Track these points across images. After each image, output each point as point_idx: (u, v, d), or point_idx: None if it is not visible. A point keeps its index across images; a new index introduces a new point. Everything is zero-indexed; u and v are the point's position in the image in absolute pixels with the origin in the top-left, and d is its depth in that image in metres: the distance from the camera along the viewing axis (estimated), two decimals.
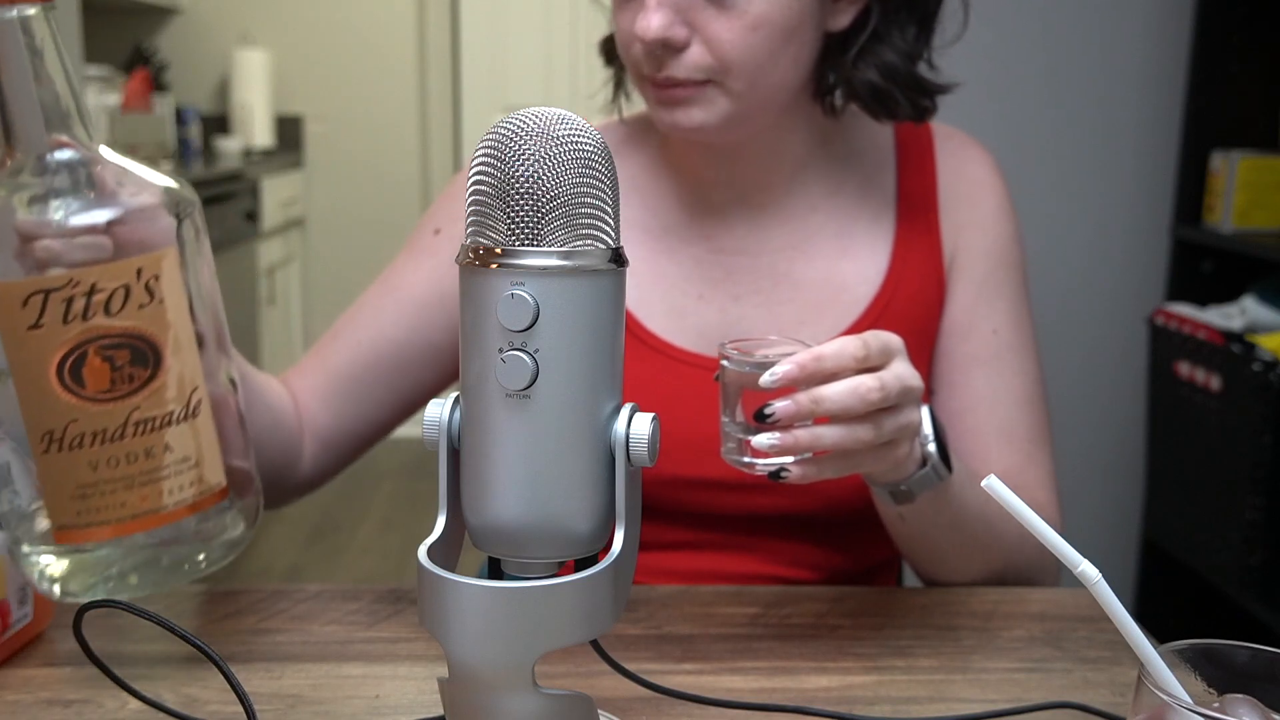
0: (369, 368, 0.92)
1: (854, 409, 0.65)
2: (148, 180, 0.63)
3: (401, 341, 0.92)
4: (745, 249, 0.92)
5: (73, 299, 0.58)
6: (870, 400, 0.65)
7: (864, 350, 0.65)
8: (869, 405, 0.65)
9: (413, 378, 0.93)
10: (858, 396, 0.64)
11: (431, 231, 0.94)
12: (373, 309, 0.93)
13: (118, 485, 0.61)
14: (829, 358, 0.65)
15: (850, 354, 0.65)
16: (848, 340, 0.65)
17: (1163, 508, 2.05)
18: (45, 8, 0.59)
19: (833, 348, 0.65)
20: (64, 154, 0.60)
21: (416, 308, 0.92)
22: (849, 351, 0.65)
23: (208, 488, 0.64)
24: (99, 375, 0.60)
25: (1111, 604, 0.48)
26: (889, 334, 0.67)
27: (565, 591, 0.49)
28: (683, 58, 0.81)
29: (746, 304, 0.91)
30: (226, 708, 0.64)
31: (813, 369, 0.64)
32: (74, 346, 0.59)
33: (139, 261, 0.60)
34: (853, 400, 0.64)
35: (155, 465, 0.62)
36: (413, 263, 0.94)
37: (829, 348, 0.65)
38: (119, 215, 0.61)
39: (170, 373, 0.62)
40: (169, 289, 0.61)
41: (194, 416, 0.63)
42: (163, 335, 0.61)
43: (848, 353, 0.65)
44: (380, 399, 0.93)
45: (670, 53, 0.81)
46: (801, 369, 0.64)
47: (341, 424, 0.92)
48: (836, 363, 0.65)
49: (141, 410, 0.61)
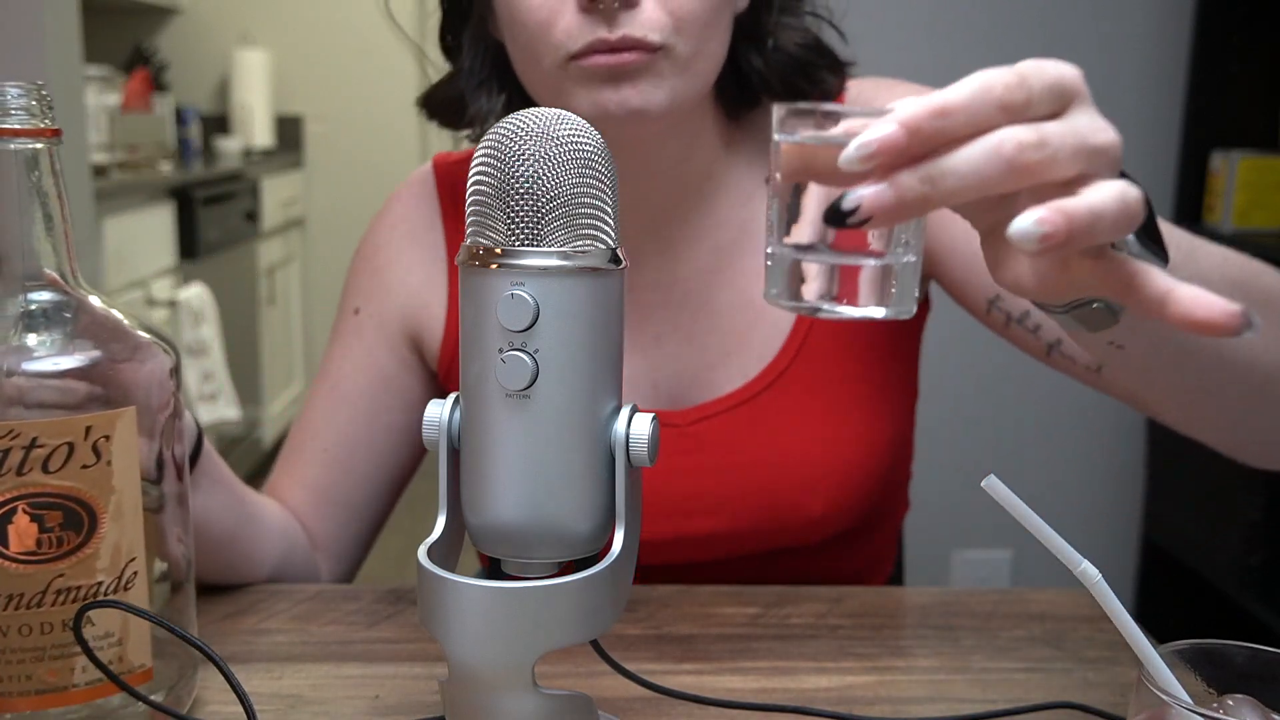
0: (346, 472, 0.90)
1: (1000, 185, 0.42)
2: (131, 332, 0.60)
3: (363, 437, 0.89)
4: (658, 283, 0.86)
5: (10, 450, 0.54)
6: (1029, 168, 0.42)
7: (1020, 91, 0.42)
8: (1025, 177, 0.42)
9: (390, 460, 0.91)
10: (1003, 162, 0.41)
11: (351, 312, 0.91)
12: (324, 416, 0.90)
13: (26, 655, 0.56)
14: (958, 107, 0.42)
15: (996, 99, 0.42)
16: (990, 75, 0.42)
17: (1163, 508, 2.05)
18: (51, 142, 0.56)
19: (964, 91, 0.42)
20: (49, 294, 0.58)
21: (364, 399, 0.89)
22: (994, 94, 0.42)
23: (129, 668, 0.59)
24: (24, 535, 0.55)
25: (1111, 604, 0.48)
26: (1060, 65, 0.44)
27: (565, 591, 0.49)
28: (637, 14, 0.72)
29: (669, 343, 0.86)
30: (226, 708, 0.64)
31: (932, 127, 0.41)
32: (3, 501, 0.55)
33: (90, 419, 0.56)
34: (997, 168, 0.42)
35: (72, 638, 0.56)
36: (342, 352, 0.91)
37: (957, 92, 0.42)
38: (95, 364, 0.57)
39: (105, 540, 0.57)
40: (120, 451, 0.57)
41: (125, 589, 0.58)
42: (103, 500, 0.57)
43: (992, 96, 0.42)
44: (368, 492, 0.91)
45: (624, 7, 0.72)
46: (911, 129, 0.41)
47: (343, 531, 0.91)
48: (970, 116, 0.42)
49: (66, 578, 0.56)
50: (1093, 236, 0.42)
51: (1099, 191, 0.42)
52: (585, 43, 0.72)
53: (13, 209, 0.56)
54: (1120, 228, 0.42)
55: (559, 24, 0.73)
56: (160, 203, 2.76)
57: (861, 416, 0.85)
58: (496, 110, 0.83)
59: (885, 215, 0.42)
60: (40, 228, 0.57)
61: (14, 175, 0.56)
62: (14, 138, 0.55)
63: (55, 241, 0.57)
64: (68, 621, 0.56)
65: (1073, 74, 0.44)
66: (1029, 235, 0.41)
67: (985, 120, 0.42)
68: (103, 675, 0.57)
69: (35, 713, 0.57)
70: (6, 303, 0.57)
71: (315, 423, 0.90)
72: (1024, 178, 0.42)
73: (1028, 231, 0.41)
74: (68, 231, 0.58)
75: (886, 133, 0.41)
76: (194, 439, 0.70)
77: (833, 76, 0.85)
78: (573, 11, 0.72)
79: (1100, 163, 0.43)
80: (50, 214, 0.57)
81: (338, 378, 0.90)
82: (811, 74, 0.83)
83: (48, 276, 0.58)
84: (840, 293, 0.45)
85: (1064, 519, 0.91)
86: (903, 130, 0.41)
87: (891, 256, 0.45)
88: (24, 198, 0.56)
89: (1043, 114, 0.43)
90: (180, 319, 2.73)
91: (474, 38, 0.83)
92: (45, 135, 0.56)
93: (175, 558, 0.63)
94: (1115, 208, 0.42)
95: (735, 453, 0.84)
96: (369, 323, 0.90)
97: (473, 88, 0.83)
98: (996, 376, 2.13)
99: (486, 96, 0.83)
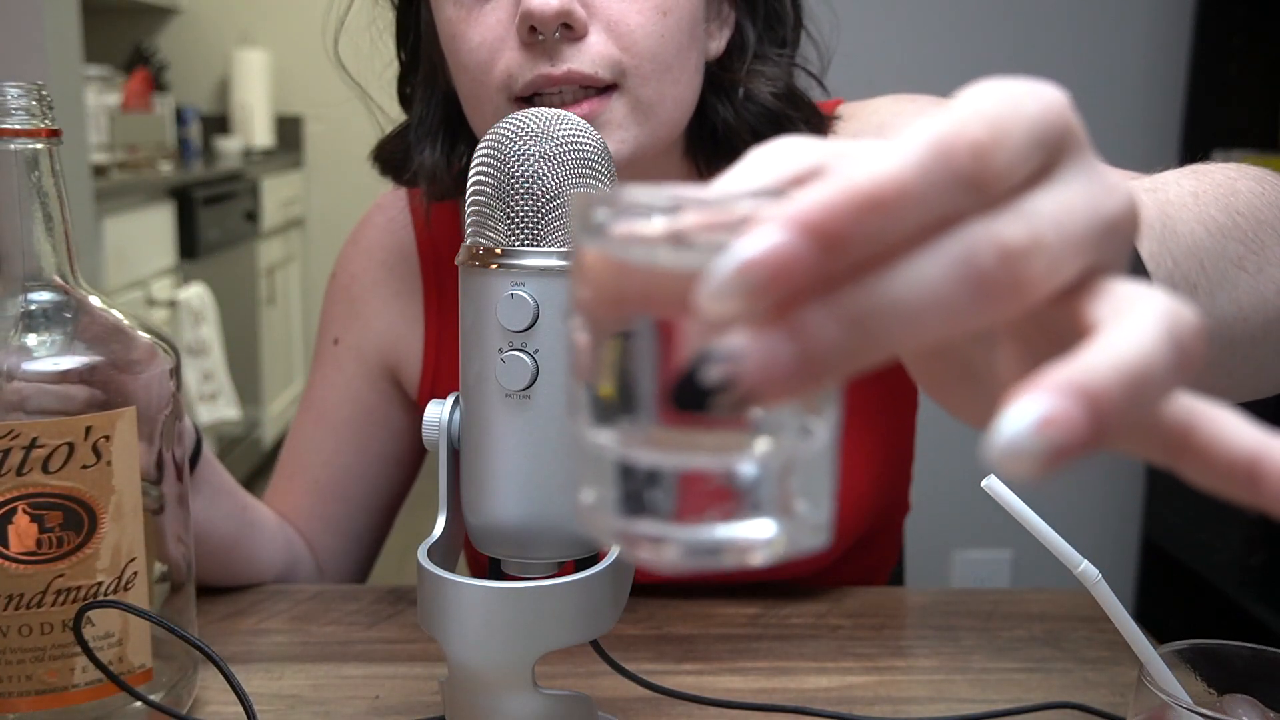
0: (339, 501, 0.89)
1: (973, 320, 0.25)
2: (131, 333, 0.60)
3: (354, 468, 0.89)
4: None
5: (10, 451, 0.54)
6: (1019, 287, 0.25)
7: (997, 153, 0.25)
8: (1014, 302, 0.25)
9: (382, 486, 0.91)
10: (979, 282, 0.24)
11: (331, 341, 0.90)
12: (313, 447, 0.89)
13: (26, 656, 0.56)
14: (900, 192, 0.24)
15: (960, 170, 0.24)
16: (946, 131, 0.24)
17: (1163, 508, 2.05)
18: (50, 142, 0.56)
19: (909, 160, 0.24)
20: (49, 294, 0.57)
21: (349, 430, 0.89)
22: (957, 162, 0.24)
23: (129, 668, 0.59)
24: (25, 535, 0.55)
25: (1111, 604, 0.48)
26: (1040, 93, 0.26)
27: (565, 591, 0.49)
28: (583, 48, 0.67)
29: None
30: (226, 708, 0.64)
31: (859, 230, 0.24)
32: (3, 501, 0.55)
33: (90, 419, 0.56)
34: (968, 295, 0.24)
35: (72, 639, 0.56)
36: (325, 381, 0.90)
37: (897, 162, 0.24)
38: (95, 366, 0.57)
39: (105, 541, 0.57)
40: (120, 451, 0.57)
41: (125, 590, 0.58)
42: (103, 500, 0.57)
43: (954, 166, 0.24)
44: (362, 521, 0.91)
45: (567, 41, 0.67)
46: (823, 235, 0.23)
47: (343, 558, 0.91)
48: (921, 203, 0.24)
49: (66, 578, 0.56)
50: (1134, 413, 0.24)
51: (1130, 334, 0.24)
52: (527, 80, 0.68)
53: (13, 209, 0.56)
54: (1173, 382, 0.24)
55: (499, 62, 0.69)
56: (160, 203, 2.76)
57: (860, 443, 0.83)
58: (440, 163, 0.78)
59: (781, 388, 0.24)
60: (40, 228, 0.57)
61: (14, 175, 0.56)
62: (14, 138, 0.55)
63: (55, 241, 0.57)
64: (68, 621, 0.56)
65: (1058, 106, 0.26)
66: (1030, 449, 0.23)
67: (943, 208, 0.24)
68: (103, 675, 0.57)
69: (35, 713, 0.57)
70: (6, 303, 0.57)
71: (305, 454, 0.90)
72: (1010, 303, 0.25)
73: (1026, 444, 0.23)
74: (68, 231, 0.58)
75: (776, 244, 0.23)
76: (193, 443, 0.70)
77: (811, 131, 0.77)
78: (514, 48, 0.68)
79: (1112, 245, 0.27)
80: (50, 214, 0.57)
81: (322, 408, 0.90)
82: (786, 128, 0.76)
83: (50, 280, 0.58)
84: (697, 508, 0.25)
85: (1064, 519, 0.91)
86: (809, 239, 0.23)
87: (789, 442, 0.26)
88: (24, 198, 0.56)
89: (1023, 178, 0.25)
90: (180, 319, 2.73)
91: (426, 86, 0.80)
92: (45, 135, 0.56)
93: (175, 559, 0.63)
94: (1165, 357, 0.24)
95: None
96: (348, 355, 0.89)
97: (420, 139, 0.79)
98: None
99: (431, 148, 0.79)
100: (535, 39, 0.67)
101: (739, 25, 0.77)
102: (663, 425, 0.25)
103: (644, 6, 0.69)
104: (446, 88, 0.79)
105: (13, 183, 0.56)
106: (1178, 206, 0.52)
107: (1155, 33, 2.05)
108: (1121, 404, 0.23)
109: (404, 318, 0.88)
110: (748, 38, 0.77)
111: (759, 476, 0.25)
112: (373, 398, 0.89)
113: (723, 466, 0.25)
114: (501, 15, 0.69)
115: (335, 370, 0.90)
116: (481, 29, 0.70)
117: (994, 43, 2.02)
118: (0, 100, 0.55)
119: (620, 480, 0.26)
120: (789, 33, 0.80)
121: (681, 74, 0.71)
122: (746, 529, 0.25)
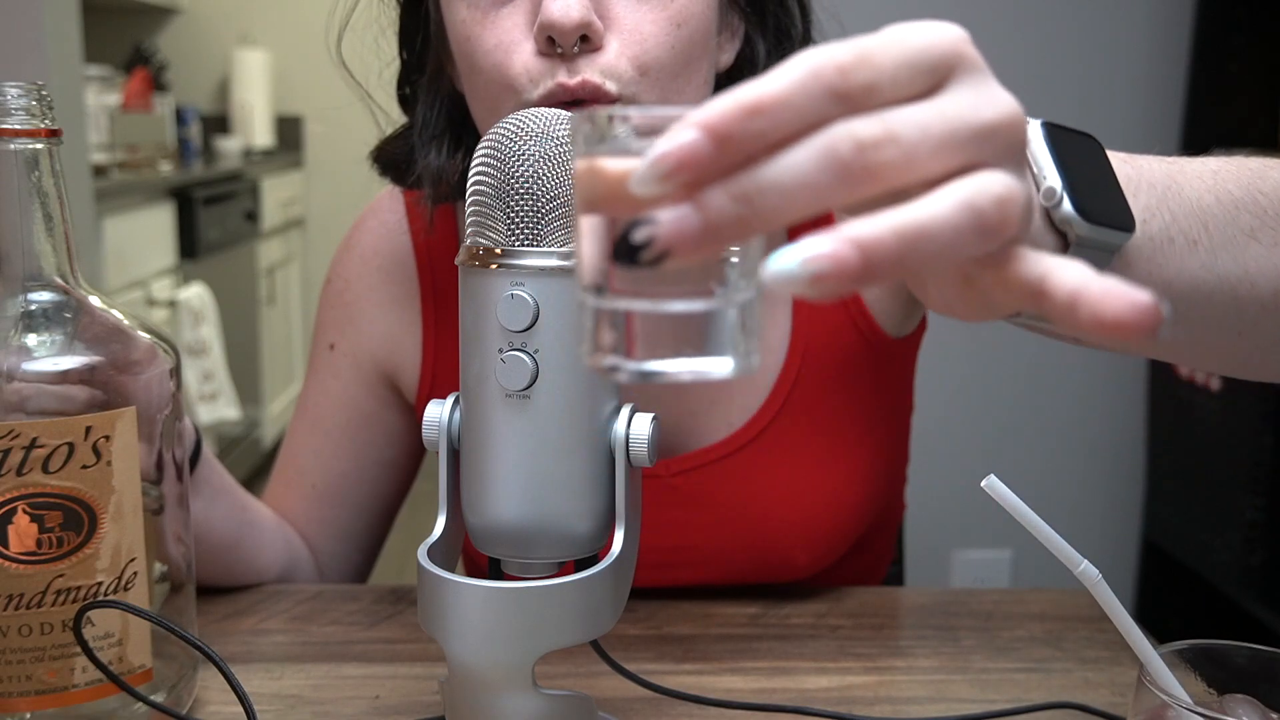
0: (337, 506, 0.89)
1: (838, 197, 0.32)
2: (131, 333, 0.60)
3: (351, 473, 0.89)
4: None
5: (10, 451, 0.54)
6: (874, 172, 0.32)
7: (862, 71, 0.32)
8: (870, 184, 0.32)
9: (380, 491, 0.91)
10: (839, 167, 0.31)
11: (326, 346, 0.90)
12: (310, 452, 0.89)
13: (26, 656, 0.56)
14: (777, 101, 0.31)
15: (827, 85, 0.32)
16: (820, 55, 0.32)
17: (1163, 508, 2.05)
18: (50, 142, 0.56)
19: (785, 79, 0.32)
20: (49, 294, 0.58)
21: (346, 436, 0.89)
22: (825, 79, 0.32)
23: (129, 669, 0.59)
24: (25, 535, 0.55)
25: (1111, 604, 0.48)
26: (930, 28, 0.34)
27: (565, 592, 0.49)
28: (598, 58, 0.68)
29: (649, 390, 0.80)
30: (226, 708, 0.64)
31: (746, 130, 0.31)
32: (3, 501, 0.55)
33: (90, 419, 0.56)
34: (831, 176, 0.31)
35: (72, 639, 0.56)
36: (320, 388, 0.90)
37: (776, 81, 0.32)
38: (95, 366, 0.57)
39: (105, 541, 0.57)
40: (120, 451, 0.57)
41: (125, 590, 0.58)
42: (103, 500, 0.57)
43: (823, 82, 0.32)
44: (360, 525, 0.91)
45: (583, 51, 0.68)
46: (719, 134, 0.31)
47: (341, 561, 0.91)
48: (795, 111, 0.32)
49: (66, 578, 0.56)
50: (920, 261, 0.31)
51: (936, 200, 0.31)
52: (545, 90, 0.68)
53: (13, 209, 0.56)
54: (974, 242, 0.32)
55: (515, 66, 0.69)
56: (160, 203, 2.76)
57: (855, 458, 0.82)
58: (445, 166, 0.78)
59: (688, 247, 0.31)
60: (40, 228, 0.57)
61: (14, 175, 0.56)
62: (14, 138, 0.55)
63: (55, 241, 0.57)
64: (68, 622, 0.56)
65: (946, 39, 0.33)
66: (790, 277, 0.30)
67: (815, 115, 0.31)
68: (103, 675, 0.57)
69: (35, 713, 0.57)
70: (6, 303, 0.57)
71: (301, 460, 0.90)
72: (868, 184, 0.31)
73: (787, 273, 0.30)
74: (68, 231, 0.58)
75: (685, 141, 0.31)
76: (193, 443, 0.70)
77: None
78: (530, 54, 0.68)
79: (992, 147, 0.33)
80: (50, 214, 0.57)
81: (318, 414, 0.89)
82: None
83: (50, 280, 0.58)
84: (656, 346, 0.34)
85: (1064, 519, 0.91)
86: (707, 136, 0.31)
87: (722, 295, 0.34)
88: (24, 198, 0.56)
89: (903, 97, 0.32)
90: (180, 319, 2.73)
91: (431, 88, 0.79)
92: (45, 135, 0.56)
93: (175, 559, 0.63)
94: (957, 218, 0.31)
95: (719, 508, 0.81)
96: (344, 361, 0.89)
97: (425, 141, 0.79)
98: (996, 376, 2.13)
99: (437, 151, 0.78)
100: (553, 50, 0.68)
101: (748, 38, 0.78)
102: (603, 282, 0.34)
103: (659, 17, 0.69)
104: (452, 89, 0.79)
105: (13, 183, 0.56)
106: (1190, 176, 0.54)
107: (1155, 33, 2.05)
108: (894, 250, 0.31)
109: (401, 322, 0.88)
110: (757, 50, 0.77)
111: (718, 315, 0.34)
112: (370, 403, 0.89)
113: (688, 309, 0.34)
114: (519, 19, 0.69)
115: (331, 376, 0.90)
116: (497, 32, 0.70)
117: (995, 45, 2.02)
118: (0, 100, 0.55)
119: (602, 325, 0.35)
120: (797, 45, 0.80)
121: (691, 85, 0.72)
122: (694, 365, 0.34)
